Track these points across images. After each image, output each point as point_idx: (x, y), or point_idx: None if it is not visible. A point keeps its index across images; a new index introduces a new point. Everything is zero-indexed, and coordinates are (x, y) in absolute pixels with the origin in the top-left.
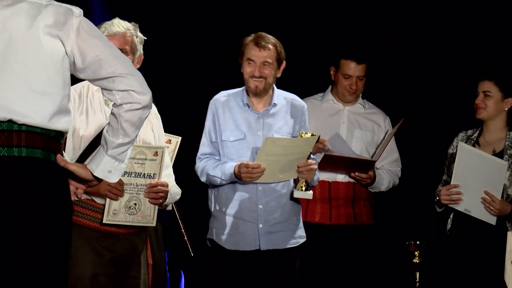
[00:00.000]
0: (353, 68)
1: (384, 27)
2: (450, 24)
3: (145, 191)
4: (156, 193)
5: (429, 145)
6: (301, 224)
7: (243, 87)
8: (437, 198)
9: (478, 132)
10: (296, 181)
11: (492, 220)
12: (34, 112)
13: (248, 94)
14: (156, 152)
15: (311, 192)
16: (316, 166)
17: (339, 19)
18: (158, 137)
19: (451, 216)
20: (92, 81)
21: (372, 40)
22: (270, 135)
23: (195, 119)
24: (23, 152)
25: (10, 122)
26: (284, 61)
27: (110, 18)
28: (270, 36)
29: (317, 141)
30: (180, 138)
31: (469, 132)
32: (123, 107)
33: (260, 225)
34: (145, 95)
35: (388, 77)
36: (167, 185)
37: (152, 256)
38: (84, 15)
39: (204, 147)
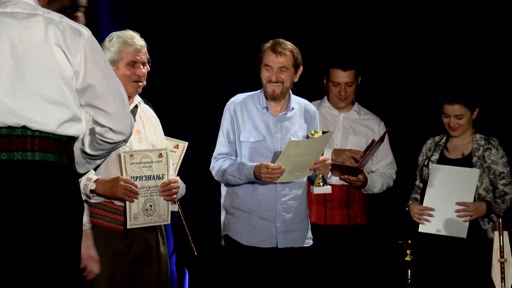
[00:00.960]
0: (340, 76)
1: (382, 30)
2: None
3: (159, 191)
4: (170, 190)
5: (421, 147)
6: (310, 227)
7: (259, 90)
8: (407, 209)
9: (445, 137)
10: (308, 183)
11: (463, 233)
12: (45, 120)
13: (266, 98)
14: (160, 154)
15: (329, 186)
16: (330, 161)
17: (339, 20)
18: (160, 141)
19: None
20: (83, 104)
21: (370, 41)
22: (287, 138)
23: (196, 123)
24: (36, 156)
25: (24, 128)
26: (301, 66)
27: (118, 29)
28: (287, 42)
29: (353, 152)
30: (187, 143)
31: (437, 138)
32: (99, 137)
33: (278, 224)
34: (122, 134)
35: (386, 79)
36: (177, 181)
37: (158, 252)
38: (93, 27)
39: (222, 147)
